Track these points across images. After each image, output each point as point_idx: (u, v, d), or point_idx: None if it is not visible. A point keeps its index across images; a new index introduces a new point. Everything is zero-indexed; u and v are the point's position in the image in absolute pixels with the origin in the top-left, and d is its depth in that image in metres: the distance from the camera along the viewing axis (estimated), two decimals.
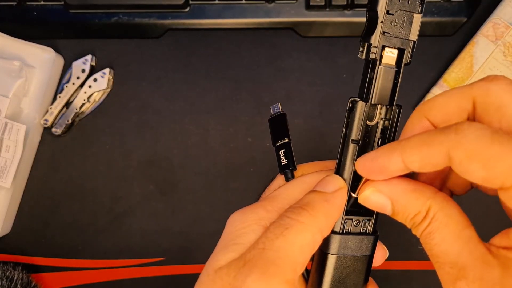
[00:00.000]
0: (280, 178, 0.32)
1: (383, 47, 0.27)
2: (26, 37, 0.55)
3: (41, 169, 0.56)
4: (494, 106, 0.24)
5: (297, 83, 0.55)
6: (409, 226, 0.25)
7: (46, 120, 0.54)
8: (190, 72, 0.56)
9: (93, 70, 0.56)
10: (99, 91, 0.55)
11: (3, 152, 0.53)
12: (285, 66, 0.55)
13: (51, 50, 0.54)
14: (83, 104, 0.55)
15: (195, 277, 0.28)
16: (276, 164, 0.32)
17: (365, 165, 0.26)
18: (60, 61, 0.56)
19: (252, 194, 0.55)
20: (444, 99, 0.26)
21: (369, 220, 0.28)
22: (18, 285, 0.52)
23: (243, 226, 0.28)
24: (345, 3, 0.52)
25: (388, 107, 0.28)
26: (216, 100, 0.56)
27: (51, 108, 0.54)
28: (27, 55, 0.55)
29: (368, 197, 0.26)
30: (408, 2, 0.27)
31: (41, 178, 0.56)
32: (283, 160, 0.31)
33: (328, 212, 0.26)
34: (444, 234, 0.23)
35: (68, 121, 0.54)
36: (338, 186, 0.27)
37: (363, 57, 0.27)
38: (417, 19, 0.27)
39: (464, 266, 0.22)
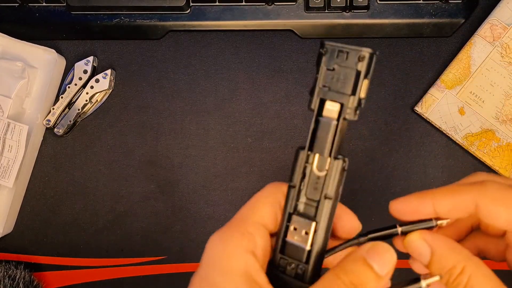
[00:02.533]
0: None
1: (322, 100, 0.28)
2: (28, 38, 0.55)
3: (43, 168, 0.56)
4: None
5: (296, 84, 0.56)
6: (443, 279, 0.27)
7: (48, 120, 0.55)
8: (190, 73, 0.56)
9: (95, 71, 0.56)
10: (100, 91, 0.55)
11: (5, 152, 0.53)
12: (284, 67, 0.56)
13: (53, 51, 0.54)
14: (85, 105, 0.55)
15: None
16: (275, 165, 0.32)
17: (397, 206, 0.29)
18: (62, 62, 0.56)
19: (251, 194, 0.55)
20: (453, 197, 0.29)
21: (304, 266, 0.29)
22: (21, 284, 0.52)
23: (228, 264, 0.27)
24: (344, 4, 0.53)
25: (329, 158, 0.28)
26: (216, 100, 0.56)
27: (53, 109, 0.55)
28: (30, 56, 0.55)
29: (413, 241, 0.28)
30: (346, 59, 0.27)
31: (43, 178, 0.56)
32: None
33: None
34: None
35: (70, 121, 0.55)
36: (391, 268, 0.27)
37: (308, 107, 0.28)
38: (360, 76, 0.27)
39: None
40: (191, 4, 0.54)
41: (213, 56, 0.56)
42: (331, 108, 0.28)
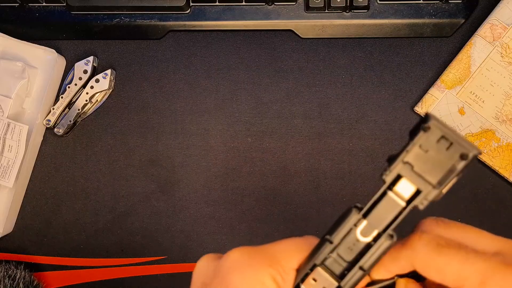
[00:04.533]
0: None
1: (399, 175, 0.26)
2: (28, 38, 0.55)
3: (43, 168, 0.56)
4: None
5: (296, 84, 0.56)
6: None
7: (49, 120, 0.55)
8: (190, 73, 0.56)
9: (95, 71, 0.56)
10: (101, 91, 0.55)
11: (5, 152, 0.53)
12: (284, 67, 0.56)
13: (53, 51, 0.54)
14: (85, 105, 0.55)
15: None
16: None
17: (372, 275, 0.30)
18: (62, 62, 0.56)
19: (252, 194, 0.55)
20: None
21: None
22: (21, 284, 0.52)
23: None
24: (344, 5, 0.53)
25: (381, 233, 0.26)
26: (216, 100, 0.56)
27: (53, 109, 0.55)
28: (30, 56, 0.55)
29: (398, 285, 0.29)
30: (447, 149, 0.24)
31: (43, 178, 0.56)
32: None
33: None
34: None
35: (70, 121, 0.55)
36: None
37: (381, 176, 0.26)
38: (453, 174, 0.25)
39: None
40: (191, 4, 0.54)
41: (213, 56, 0.56)
42: (406, 189, 0.26)
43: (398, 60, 0.55)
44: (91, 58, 0.55)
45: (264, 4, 0.54)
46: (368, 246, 0.27)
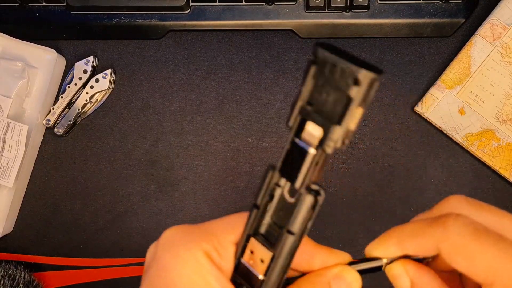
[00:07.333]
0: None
1: (303, 119, 0.22)
2: (28, 38, 0.55)
3: (43, 168, 0.56)
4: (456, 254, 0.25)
5: (296, 84, 0.56)
6: None
7: (48, 120, 0.55)
8: (190, 72, 0.56)
9: (95, 71, 0.56)
10: (100, 91, 0.55)
11: (5, 152, 0.53)
12: (284, 67, 0.56)
13: (53, 51, 0.54)
14: (85, 105, 0.55)
15: None
16: None
17: (368, 250, 0.27)
18: (62, 62, 0.56)
19: (252, 194, 0.55)
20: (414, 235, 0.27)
21: None
22: (21, 284, 0.52)
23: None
24: (344, 4, 0.53)
25: (304, 190, 0.23)
26: (216, 100, 0.56)
27: (53, 109, 0.55)
28: (30, 56, 0.55)
29: (394, 270, 0.27)
30: (339, 77, 0.21)
31: (43, 178, 0.56)
32: None
33: None
34: None
35: (70, 121, 0.55)
36: None
37: (286, 123, 0.23)
38: (352, 104, 0.21)
39: None
40: (191, 4, 0.54)
41: (213, 56, 0.56)
42: (312, 133, 0.22)
43: (398, 60, 0.55)
44: (91, 58, 0.55)
45: (264, 4, 0.54)
46: (295, 206, 0.23)
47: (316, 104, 0.22)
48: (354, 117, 0.21)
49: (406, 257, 0.27)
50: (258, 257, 0.25)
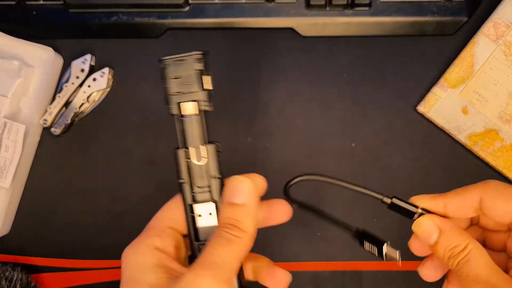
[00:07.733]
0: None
1: (178, 103, 0.33)
2: (25, 36, 0.54)
3: (41, 169, 0.56)
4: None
5: (297, 83, 0.55)
6: (446, 256, 0.32)
7: (45, 120, 0.54)
8: None
9: (92, 70, 0.55)
10: (98, 90, 0.55)
11: (2, 152, 0.52)
12: (285, 65, 0.55)
13: (50, 49, 0.54)
14: (82, 104, 0.55)
15: None
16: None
17: (414, 198, 0.35)
18: (59, 60, 0.56)
19: None
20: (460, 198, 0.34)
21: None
22: (18, 286, 0.52)
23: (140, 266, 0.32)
24: (345, 2, 0.52)
25: (205, 146, 0.33)
26: (215, 100, 0.55)
27: (50, 108, 0.54)
28: (26, 54, 0.55)
29: (423, 223, 0.34)
30: (187, 66, 0.33)
31: (41, 178, 0.56)
32: None
33: (254, 223, 0.32)
34: (479, 262, 0.31)
35: (67, 121, 0.54)
36: (249, 194, 0.32)
37: (169, 113, 0.33)
38: (203, 74, 0.33)
39: (495, 284, 0.30)
40: (190, 1, 0.54)
41: (212, 54, 0.55)
42: (190, 107, 0.33)
43: (400, 59, 0.55)
44: (88, 57, 0.54)
45: (264, 1, 0.53)
46: (206, 161, 0.33)
47: (181, 91, 0.33)
48: (207, 81, 0.34)
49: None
50: (207, 214, 0.33)
